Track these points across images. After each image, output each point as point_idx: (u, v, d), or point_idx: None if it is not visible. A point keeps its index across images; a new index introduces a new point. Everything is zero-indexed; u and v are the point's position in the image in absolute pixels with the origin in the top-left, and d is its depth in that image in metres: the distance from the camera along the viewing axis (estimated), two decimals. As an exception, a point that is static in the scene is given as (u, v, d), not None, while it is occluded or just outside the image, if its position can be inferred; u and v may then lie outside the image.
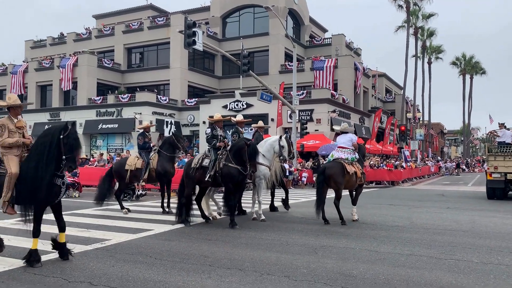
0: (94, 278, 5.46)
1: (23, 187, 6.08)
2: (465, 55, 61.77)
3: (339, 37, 44.01)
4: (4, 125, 6.27)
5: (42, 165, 6.04)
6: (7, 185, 6.05)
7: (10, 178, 6.06)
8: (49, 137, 6.15)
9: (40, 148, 6.13)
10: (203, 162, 9.71)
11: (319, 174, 10.07)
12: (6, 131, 6.23)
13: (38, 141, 6.26)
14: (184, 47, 17.78)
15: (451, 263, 6.25)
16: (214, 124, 10.14)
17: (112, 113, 36.53)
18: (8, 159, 6.17)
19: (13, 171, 6.07)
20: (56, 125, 6.41)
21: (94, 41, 43.11)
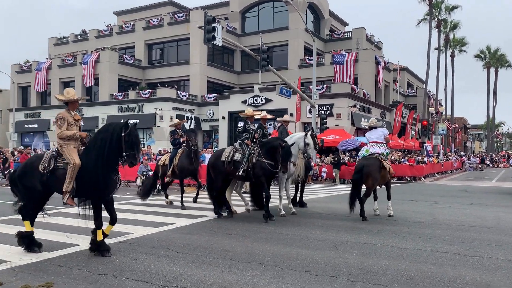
0: (117, 270, 5.56)
1: (82, 180, 6.28)
2: (489, 48, 60.29)
3: (360, 31, 43.45)
4: (64, 117, 6.50)
5: (102, 160, 6.23)
6: (70, 175, 6.22)
7: (74, 169, 6.23)
8: (110, 134, 6.31)
9: (100, 143, 6.28)
10: (234, 156, 9.77)
11: (357, 172, 9.78)
12: (65, 124, 6.46)
13: (97, 136, 6.42)
14: (204, 43, 17.84)
15: (476, 260, 6.14)
16: (246, 118, 10.29)
17: (134, 109, 37.00)
18: (69, 150, 6.36)
19: (76, 162, 6.25)
20: (117, 122, 6.64)
21: (115, 38, 43.65)
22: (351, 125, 32.01)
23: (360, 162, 9.96)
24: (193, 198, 12.44)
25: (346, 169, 23.76)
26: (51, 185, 6.41)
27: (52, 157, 6.41)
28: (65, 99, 6.64)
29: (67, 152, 6.34)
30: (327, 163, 24.66)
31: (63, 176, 6.26)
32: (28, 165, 6.55)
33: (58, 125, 6.49)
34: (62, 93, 6.90)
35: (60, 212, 11.00)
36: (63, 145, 6.40)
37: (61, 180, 6.27)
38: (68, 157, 6.30)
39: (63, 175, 6.27)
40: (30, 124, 43.14)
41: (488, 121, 65.58)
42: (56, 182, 6.34)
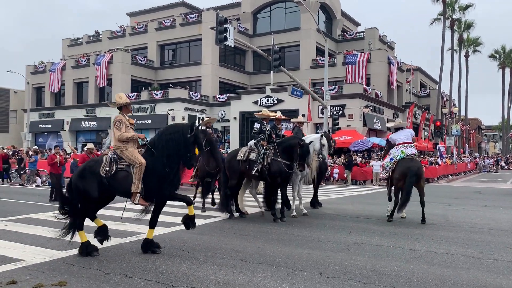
0: (129, 270, 5.60)
1: (147, 180, 6.31)
2: (504, 48, 59.40)
3: (372, 31, 43.18)
4: (122, 120, 6.61)
5: (170, 160, 6.32)
6: (137, 176, 6.25)
7: (141, 168, 6.27)
8: (177, 135, 6.41)
9: (166, 144, 6.37)
10: (250, 155, 9.80)
11: (412, 175, 9.33)
12: (124, 126, 6.56)
13: (162, 137, 6.49)
14: (216, 44, 17.87)
15: (490, 263, 6.05)
16: (262, 119, 10.34)
17: (146, 109, 37.27)
18: (131, 152, 6.42)
19: (142, 161, 6.30)
20: (182, 124, 6.83)
21: (128, 39, 44.02)
22: (363, 126, 31.82)
23: (411, 164, 9.55)
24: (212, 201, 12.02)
25: (358, 170, 23.63)
26: (114, 188, 6.41)
27: (113, 160, 6.42)
28: (117, 104, 6.72)
29: (129, 154, 6.39)
30: (339, 164, 24.55)
31: (124, 179, 6.31)
32: (87, 169, 6.44)
33: (117, 128, 6.53)
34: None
35: (73, 211, 11.14)
36: (122, 148, 6.45)
37: (123, 182, 6.31)
38: (132, 158, 6.35)
39: (125, 177, 6.31)
40: (44, 124, 43.71)
41: (503, 122, 64.64)
42: (119, 185, 6.35)
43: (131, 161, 6.34)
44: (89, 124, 40.37)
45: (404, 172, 9.42)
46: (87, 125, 40.53)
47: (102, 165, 6.35)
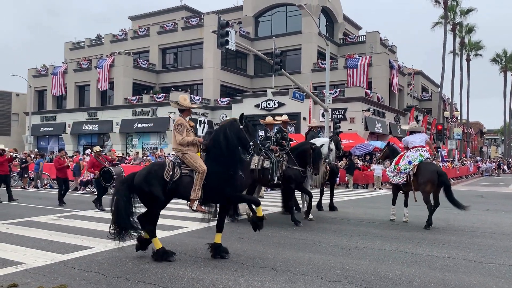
0: (130, 274, 5.59)
1: (211, 184, 6.23)
2: (506, 51, 59.33)
3: (374, 34, 43.23)
4: (183, 124, 6.49)
5: (231, 160, 6.27)
6: (198, 182, 6.18)
7: (202, 175, 6.20)
8: (230, 131, 6.33)
9: (225, 142, 6.28)
10: (264, 164, 9.90)
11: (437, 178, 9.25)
12: (185, 130, 6.45)
13: (217, 138, 6.40)
14: (217, 47, 17.91)
15: (492, 267, 6.02)
16: (266, 126, 10.50)
17: (147, 113, 37.33)
18: (193, 157, 6.34)
19: (204, 168, 6.21)
20: (226, 121, 6.72)
21: (129, 42, 44.15)
22: (364, 130, 31.81)
23: (438, 168, 9.61)
24: None
25: (360, 173, 23.59)
26: (177, 193, 6.35)
27: (177, 164, 6.34)
28: (182, 106, 6.63)
29: (191, 159, 6.31)
30: (341, 167, 24.51)
31: (188, 184, 6.23)
32: (151, 174, 6.29)
33: (178, 132, 6.41)
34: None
35: (74, 215, 11.15)
36: (184, 151, 6.37)
37: (186, 187, 6.24)
38: (194, 164, 6.26)
39: (189, 182, 6.23)
40: (46, 127, 43.80)
41: (505, 126, 64.52)
42: (182, 190, 6.28)
43: (192, 166, 6.28)
44: (90, 127, 40.45)
45: (432, 176, 9.24)
46: (88, 128, 40.60)
47: (166, 170, 6.25)
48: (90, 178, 18.32)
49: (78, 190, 18.38)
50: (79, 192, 17.99)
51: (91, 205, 12.91)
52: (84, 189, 18.32)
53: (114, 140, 38.64)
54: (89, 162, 13.74)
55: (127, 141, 39.09)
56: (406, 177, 9.63)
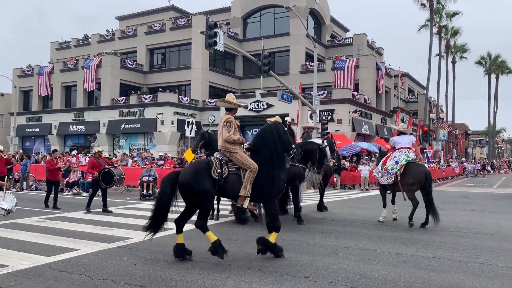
0: (117, 276, 5.56)
1: (257, 184, 6.33)
2: (490, 54, 60.33)
3: (361, 37, 43.57)
4: (232, 121, 6.57)
5: (277, 160, 6.46)
6: (250, 180, 6.27)
7: (254, 173, 6.29)
8: (276, 133, 6.55)
9: (271, 143, 6.47)
10: None
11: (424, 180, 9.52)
12: (233, 128, 6.52)
13: (262, 139, 6.59)
14: (206, 48, 17.90)
15: (475, 266, 6.12)
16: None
17: (135, 113, 37.07)
18: (242, 156, 6.43)
19: (256, 166, 6.31)
20: (273, 123, 6.97)
21: (117, 42, 43.81)
22: (351, 131, 32.03)
23: (425, 169, 9.85)
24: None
25: (347, 174, 23.74)
26: (224, 191, 6.40)
27: (224, 162, 6.38)
28: (230, 104, 6.74)
29: (241, 158, 6.39)
30: (328, 168, 24.64)
31: (235, 182, 6.31)
32: (199, 172, 6.27)
33: (226, 128, 6.45)
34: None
35: (59, 216, 11.04)
36: (231, 150, 6.41)
37: (234, 186, 6.32)
38: (245, 163, 6.35)
39: (235, 180, 6.31)
40: (32, 128, 43.22)
41: (489, 127, 65.53)
42: (229, 188, 6.34)
43: (243, 165, 6.35)
44: (77, 128, 40.01)
45: (419, 176, 9.49)
46: (75, 129, 40.17)
47: (213, 168, 6.25)
48: (77, 179, 18.18)
49: (64, 192, 18.18)
50: (65, 194, 17.80)
51: (77, 207, 12.80)
52: (70, 190, 18.14)
53: (101, 141, 38.28)
54: (89, 163, 13.21)
55: (114, 142, 38.76)
56: (394, 177, 9.80)
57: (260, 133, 6.74)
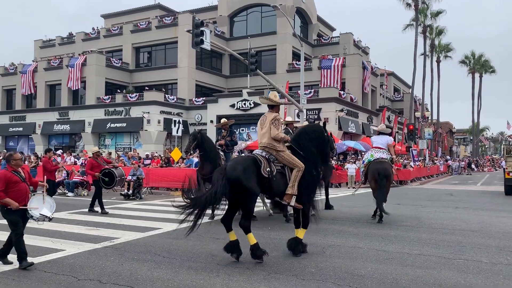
0: (103, 276, 5.51)
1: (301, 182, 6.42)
2: (474, 54, 61.17)
3: (347, 36, 43.83)
4: (280, 119, 6.57)
5: (317, 161, 6.66)
6: (297, 179, 6.34)
7: (301, 172, 6.37)
8: (318, 135, 6.77)
9: (314, 144, 6.65)
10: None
11: (382, 177, 9.84)
12: (280, 126, 6.55)
13: (304, 139, 6.68)
14: (192, 47, 17.79)
15: (460, 263, 6.21)
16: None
17: (121, 112, 36.74)
18: (289, 155, 6.47)
19: (303, 165, 6.40)
20: (313, 124, 7.33)
21: (102, 41, 43.37)
22: (338, 129, 32.20)
23: (379, 166, 10.05)
24: None
25: (334, 172, 23.82)
26: (270, 189, 6.35)
27: (271, 160, 6.36)
28: (274, 102, 6.71)
29: (287, 157, 6.42)
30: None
31: (281, 180, 6.33)
32: (249, 169, 6.15)
33: (275, 126, 6.42)
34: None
35: (45, 216, 10.87)
36: (277, 148, 6.42)
37: (280, 184, 6.33)
38: (292, 161, 6.40)
39: (282, 179, 6.34)
40: (15, 127, 42.52)
41: (473, 126, 66.48)
42: (276, 186, 6.33)
43: (290, 164, 6.39)
44: (62, 127, 39.50)
45: (373, 174, 10.03)
46: (60, 128, 39.64)
47: (262, 166, 6.21)
48: (62, 179, 17.94)
49: (48, 192, 17.93)
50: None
51: (61, 207, 12.63)
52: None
53: (86, 140, 37.86)
54: (88, 164, 12.65)
55: (99, 142, 38.36)
56: (363, 176, 10.66)
57: (305, 132, 6.78)
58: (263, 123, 6.59)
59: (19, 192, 6.01)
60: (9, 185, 5.93)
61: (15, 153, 6.33)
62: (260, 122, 6.68)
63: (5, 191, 5.88)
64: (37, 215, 6.12)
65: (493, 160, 65.03)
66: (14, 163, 6.12)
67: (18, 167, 6.17)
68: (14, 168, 6.11)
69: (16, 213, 5.97)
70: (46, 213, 6.21)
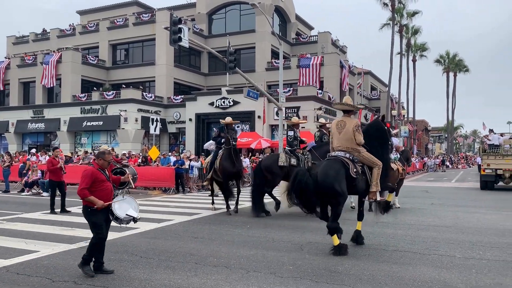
0: (79, 277, 5.41)
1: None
2: (448, 53, 62.50)
3: (325, 35, 44.15)
4: (359, 125, 6.98)
5: (387, 156, 7.30)
6: (377, 176, 6.86)
7: (380, 169, 6.90)
8: (382, 130, 7.24)
9: (381, 140, 7.19)
10: (291, 161, 10.77)
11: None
12: (361, 131, 6.94)
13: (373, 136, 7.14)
14: (170, 44, 17.62)
15: (435, 258, 6.35)
16: (293, 126, 11.32)
17: (97, 111, 36.13)
18: (368, 154, 6.91)
19: (381, 162, 6.93)
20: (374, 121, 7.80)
21: (78, 38, 42.53)
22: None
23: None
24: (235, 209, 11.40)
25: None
26: (356, 188, 6.83)
27: (356, 162, 6.80)
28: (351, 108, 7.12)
29: (368, 156, 6.90)
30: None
31: (364, 179, 6.84)
32: (340, 172, 6.57)
33: (359, 132, 6.85)
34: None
35: (18, 217, 10.63)
36: (360, 150, 6.88)
37: (362, 183, 6.84)
38: (373, 161, 6.91)
39: (363, 178, 6.83)
40: (-13, 125, 41.35)
41: (448, 124, 67.96)
42: (360, 185, 6.83)
43: (371, 163, 6.89)
44: (36, 125, 38.59)
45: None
46: (34, 127, 38.72)
47: (351, 168, 6.64)
48: (37, 179, 17.54)
49: (23, 192, 17.53)
50: (23, 194, 17.16)
51: (36, 207, 12.37)
52: (29, 190, 17.49)
53: (61, 139, 37.09)
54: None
55: (75, 140, 37.66)
56: None
57: (368, 132, 7.16)
58: (340, 127, 6.99)
59: (104, 192, 5.63)
60: (95, 183, 5.55)
61: (108, 152, 5.97)
62: (336, 126, 7.07)
63: (90, 189, 5.50)
64: (122, 216, 5.70)
65: (467, 157, 66.65)
66: (101, 162, 5.74)
67: (106, 167, 5.82)
68: (100, 166, 5.75)
69: (101, 215, 5.61)
70: (132, 213, 5.78)
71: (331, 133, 7.32)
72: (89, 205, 5.55)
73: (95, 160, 5.86)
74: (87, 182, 5.48)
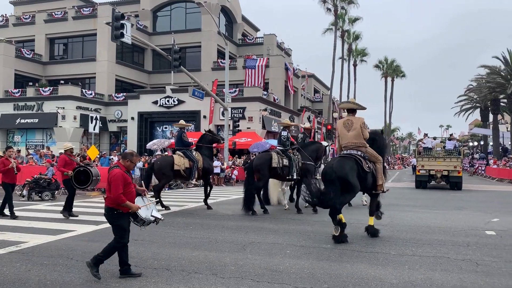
0: (7, 284, 5.09)
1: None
2: (387, 59, 65.55)
3: (271, 37, 44.69)
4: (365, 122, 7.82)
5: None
6: (381, 170, 7.77)
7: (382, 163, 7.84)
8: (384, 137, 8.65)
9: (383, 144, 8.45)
10: (283, 162, 11.10)
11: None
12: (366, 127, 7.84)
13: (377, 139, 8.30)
14: (112, 40, 17.07)
15: (371, 255, 6.61)
16: (286, 127, 11.67)
17: (32, 107, 34.24)
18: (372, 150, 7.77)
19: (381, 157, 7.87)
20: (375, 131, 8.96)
21: (11, 29, 40.09)
22: (262, 128, 32.76)
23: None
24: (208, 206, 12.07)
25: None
26: (366, 182, 7.54)
27: (365, 157, 7.54)
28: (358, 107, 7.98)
29: (373, 152, 7.73)
30: (239, 165, 24.96)
31: (372, 174, 7.59)
32: (351, 166, 7.31)
33: (366, 129, 7.70)
34: None
35: None
36: (367, 146, 7.65)
37: (371, 177, 7.61)
38: (376, 156, 7.76)
39: (371, 172, 7.58)
40: None
41: (385, 126, 71.16)
42: (369, 179, 7.57)
43: (375, 158, 7.68)
44: (-38, 122, 35.90)
45: None
46: (-40, 123, 36.00)
47: (363, 163, 7.37)
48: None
49: None
50: None
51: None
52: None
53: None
54: (60, 160, 10.91)
55: (7, 138, 35.44)
56: None
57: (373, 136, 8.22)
58: (348, 126, 7.69)
59: (130, 195, 5.31)
60: (124, 187, 5.23)
61: (136, 154, 5.59)
62: (343, 124, 7.76)
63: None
64: (149, 218, 5.46)
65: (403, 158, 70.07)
66: (128, 164, 5.39)
67: (132, 169, 5.50)
68: (127, 168, 5.40)
69: (127, 218, 5.32)
70: (156, 214, 5.58)
71: (337, 132, 8.03)
72: (115, 208, 5.29)
73: (120, 161, 5.54)
74: (121, 186, 5.22)
